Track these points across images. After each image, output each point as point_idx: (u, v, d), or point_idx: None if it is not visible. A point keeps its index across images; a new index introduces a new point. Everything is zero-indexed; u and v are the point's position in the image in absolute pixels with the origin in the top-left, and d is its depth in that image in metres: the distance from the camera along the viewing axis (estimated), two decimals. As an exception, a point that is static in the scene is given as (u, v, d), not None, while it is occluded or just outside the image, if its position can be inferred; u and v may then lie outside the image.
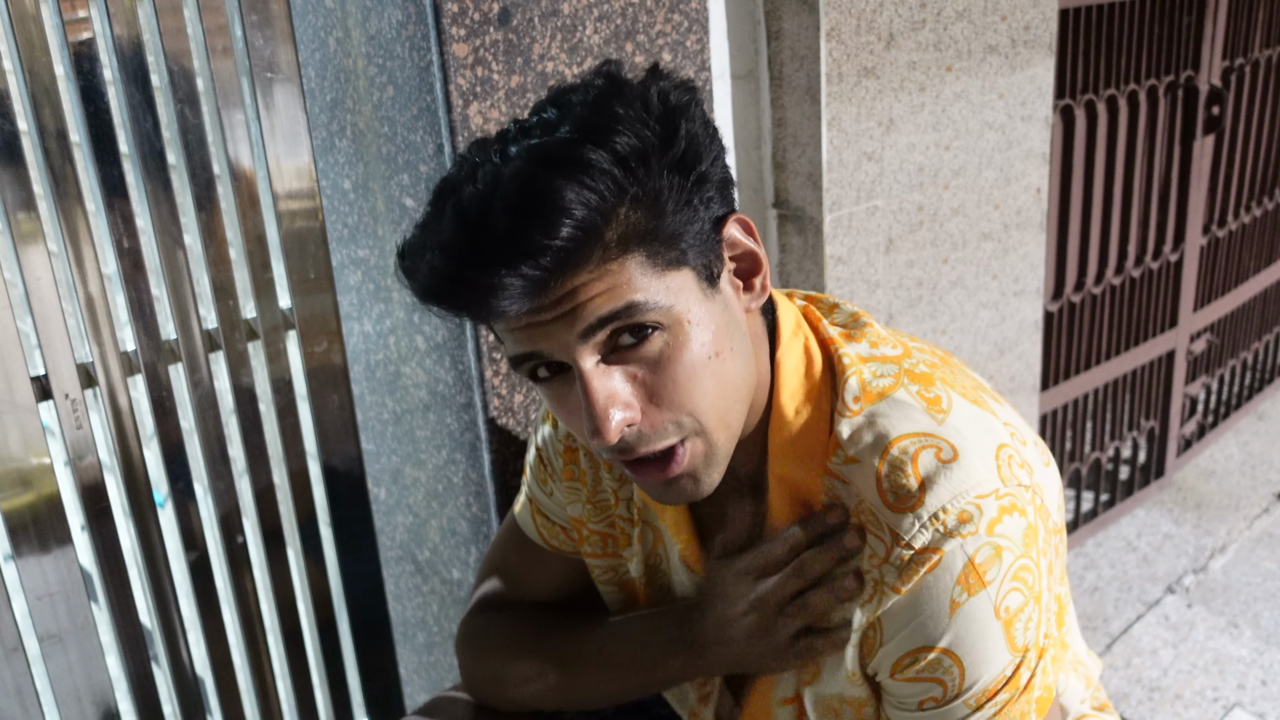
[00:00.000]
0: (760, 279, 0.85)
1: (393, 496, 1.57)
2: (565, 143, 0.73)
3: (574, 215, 0.71)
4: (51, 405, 1.21)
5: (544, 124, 0.77)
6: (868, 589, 0.83)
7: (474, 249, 0.72)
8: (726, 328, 0.81)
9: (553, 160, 0.73)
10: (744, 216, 0.84)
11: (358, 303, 1.46)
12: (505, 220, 0.71)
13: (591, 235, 0.72)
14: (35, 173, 1.15)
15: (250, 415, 1.36)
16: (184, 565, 1.37)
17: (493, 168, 0.75)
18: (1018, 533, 0.80)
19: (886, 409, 0.84)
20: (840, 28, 1.46)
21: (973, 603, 0.79)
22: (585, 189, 0.71)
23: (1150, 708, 1.97)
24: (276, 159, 1.28)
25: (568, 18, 1.23)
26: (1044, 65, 1.77)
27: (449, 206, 0.75)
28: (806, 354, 0.88)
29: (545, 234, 0.71)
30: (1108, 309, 2.34)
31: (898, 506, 0.80)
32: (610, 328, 0.76)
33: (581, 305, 0.75)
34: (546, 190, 0.71)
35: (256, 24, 1.23)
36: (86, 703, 1.31)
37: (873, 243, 1.62)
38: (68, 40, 1.14)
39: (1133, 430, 2.55)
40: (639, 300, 0.75)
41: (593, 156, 0.72)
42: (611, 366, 0.78)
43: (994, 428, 0.84)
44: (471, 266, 0.72)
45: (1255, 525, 2.55)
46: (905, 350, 0.89)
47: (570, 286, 0.74)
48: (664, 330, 0.77)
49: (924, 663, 0.82)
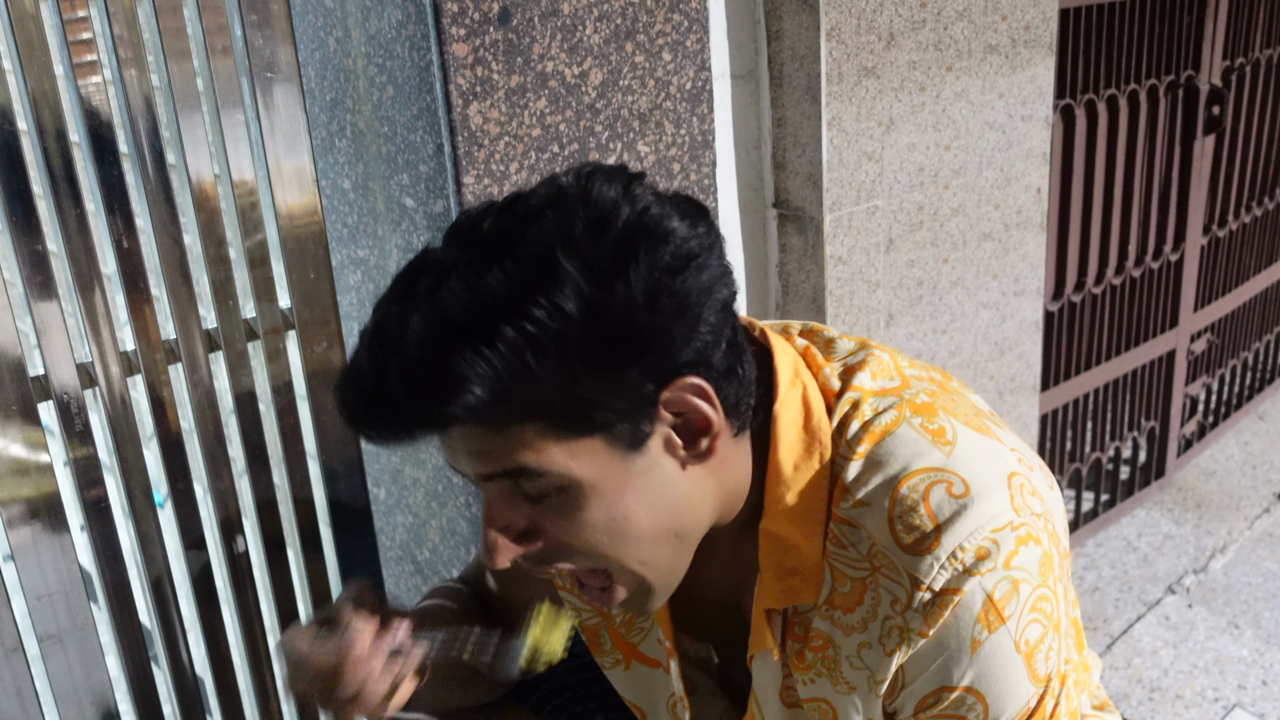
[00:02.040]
0: (709, 440, 0.77)
1: (393, 496, 1.57)
2: (481, 309, 0.68)
3: (466, 397, 0.68)
4: (51, 405, 1.21)
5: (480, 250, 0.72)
6: (894, 638, 0.80)
7: (370, 405, 0.72)
8: (645, 488, 0.76)
9: (459, 331, 0.68)
10: (699, 382, 0.75)
11: (358, 303, 1.46)
12: (404, 386, 0.69)
13: (484, 410, 0.69)
14: (35, 173, 1.15)
15: (250, 415, 1.36)
16: (184, 565, 1.37)
17: (403, 313, 0.72)
18: (1034, 563, 0.78)
19: (892, 446, 0.81)
20: (840, 27, 1.46)
21: (993, 640, 0.78)
22: (487, 365, 0.67)
23: (1151, 708, 1.97)
24: (276, 159, 1.28)
25: (568, 18, 1.23)
26: (1044, 65, 1.77)
27: (363, 344, 0.74)
28: (805, 405, 0.84)
29: (441, 406, 0.69)
30: (1108, 309, 2.34)
31: (914, 549, 0.78)
32: (505, 479, 0.75)
33: (473, 455, 0.74)
34: (443, 365, 0.68)
35: (256, 24, 1.23)
36: (86, 703, 1.31)
37: (873, 243, 1.61)
38: (67, 40, 1.14)
39: (1133, 430, 2.55)
40: (529, 465, 0.73)
41: (503, 334, 0.67)
42: (514, 498, 0.76)
43: (1002, 454, 0.82)
44: (364, 423, 0.73)
45: (1256, 525, 2.55)
46: (904, 381, 0.86)
47: (464, 436, 0.73)
48: (564, 492, 0.75)
49: (947, 702, 0.81)
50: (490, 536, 0.76)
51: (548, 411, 0.71)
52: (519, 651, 0.85)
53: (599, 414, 0.72)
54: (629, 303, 0.69)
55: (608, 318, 0.69)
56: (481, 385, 0.68)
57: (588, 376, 0.70)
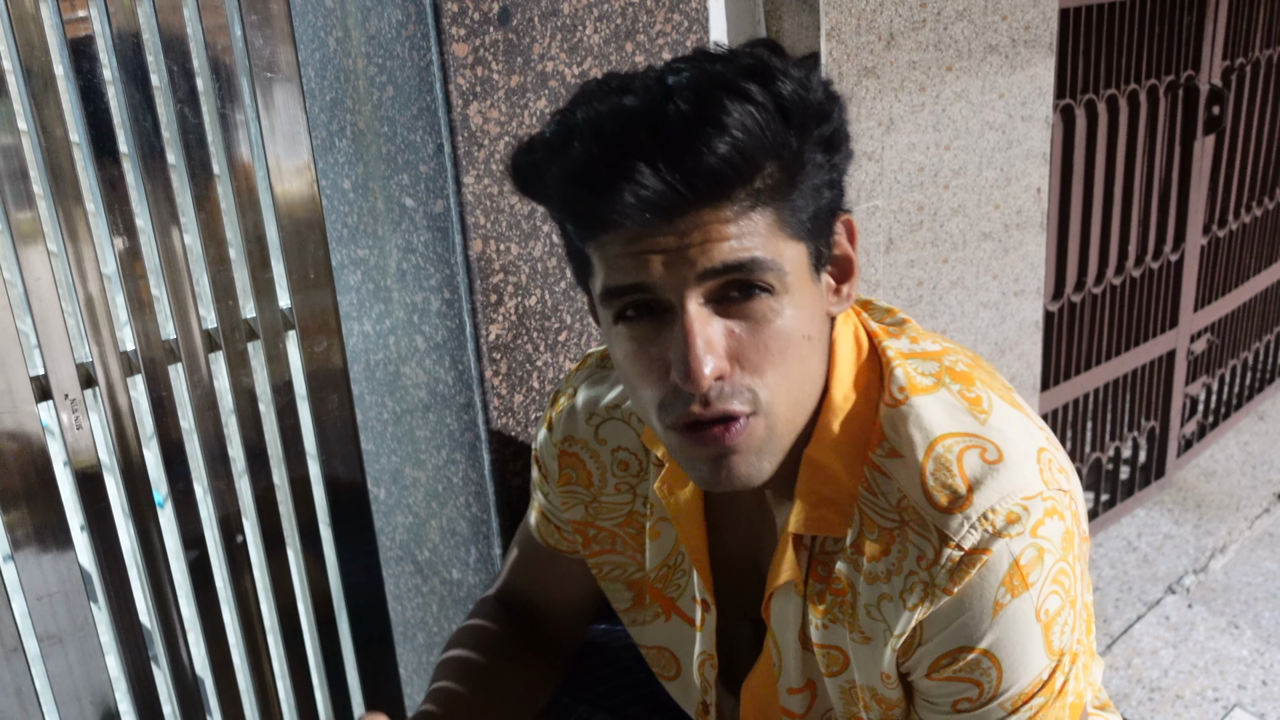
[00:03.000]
0: (849, 287, 0.85)
1: (393, 496, 1.57)
2: (736, 72, 0.73)
3: (738, 138, 0.71)
4: (51, 405, 1.21)
5: (700, 57, 0.77)
6: (917, 593, 0.81)
7: (639, 137, 0.72)
8: (818, 317, 0.81)
9: (724, 84, 0.72)
10: (850, 220, 0.84)
11: (358, 303, 1.46)
12: (677, 116, 0.71)
13: (745, 167, 0.73)
14: (35, 173, 1.15)
15: (250, 415, 1.36)
16: (184, 565, 1.37)
17: (656, 80, 0.75)
18: (1058, 536, 0.79)
19: (931, 405, 0.83)
20: (840, 27, 1.46)
21: (1016, 604, 0.79)
22: (753, 121, 0.72)
23: (1151, 708, 1.97)
24: (276, 159, 1.28)
25: (568, 17, 1.23)
26: (1044, 65, 1.77)
27: (604, 105, 0.74)
28: (856, 341, 0.87)
29: (709, 145, 0.71)
30: (1108, 309, 2.34)
31: (946, 508, 0.79)
32: (729, 277, 0.75)
33: (709, 244, 0.74)
34: (719, 106, 0.71)
35: (256, 24, 1.23)
36: (86, 703, 1.31)
37: (873, 243, 1.62)
38: (67, 40, 1.14)
39: (1133, 430, 2.55)
40: (763, 258, 0.75)
41: (760, 95, 0.72)
42: (713, 316, 0.77)
43: (1033, 431, 0.83)
44: (632, 154, 0.71)
45: (1256, 525, 2.55)
46: (944, 348, 0.88)
47: (705, 220, 0.74)
48: (772, 295, 0.77)
49: (963, 663, 0.81)
50: (698, 350, 0.75)
51: (781, 201, 0.76)
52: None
53: (809, 223, 0.78)
54: (842, 121, 0.79)
55: (832, 124, 0.77)
56: (746, 133, 0.71)
57: (810, 174, 0.77)
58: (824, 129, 0.77)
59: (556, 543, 1.08)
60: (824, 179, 0.78)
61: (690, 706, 1.05)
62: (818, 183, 0.78)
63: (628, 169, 0.71)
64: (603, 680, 1.18)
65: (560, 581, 1.12)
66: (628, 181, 0.71)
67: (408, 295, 1.35)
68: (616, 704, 1.16)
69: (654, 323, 0.78)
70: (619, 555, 1.04)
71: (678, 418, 0.78)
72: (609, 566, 1.05)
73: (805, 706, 0.95)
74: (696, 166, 0.71)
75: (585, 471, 1.03)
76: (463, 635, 1.13)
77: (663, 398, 0.78)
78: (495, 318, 1.27)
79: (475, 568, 1.46)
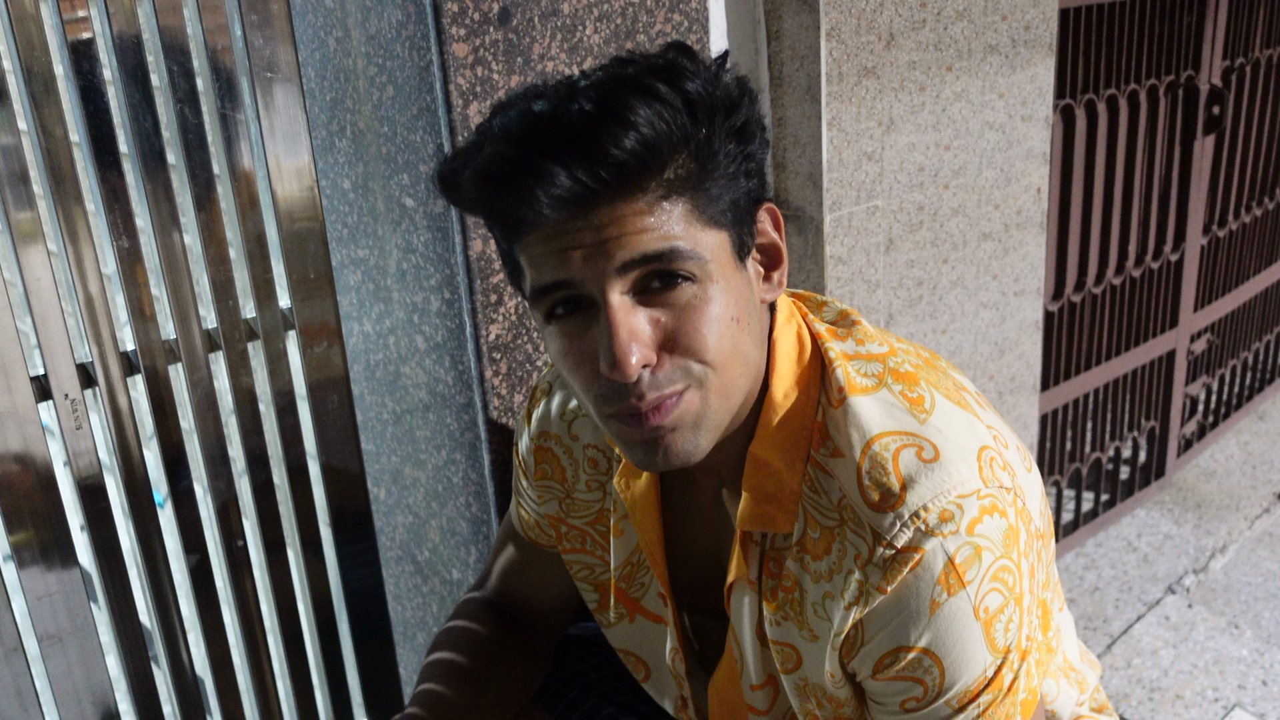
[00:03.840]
0: (779, 274, 0.86)
1: (393, 496, 1.57)
2: (642, 72, 0.76)
3: (643, 132, 0.73)
4: (51, 405, 1.21)
5: (613, 64, 0.79)
6: (853, 591, 0.82)
7: (544, 137, 0.73)
8: (746, 301, 0.82)
9: (630, 83, 0.74)
10: (774, 208, 0.85)
11: (357, 303, 1.46)
12: (581, 115, 0.73)
13: (653, 161, 0.74)
14: (35, 173, 1.15)
15: (250, 415, 1.36)
16: (184, 565, 1.37)
17: (566, 85, 0.77)
18: (998, 533, 0.80)
19: (869, 405, 0.84)
20: (840, 27, 1.46)
21: (952, 603, 0.79)
22: (657, 115, 0.74)
23: (1150, 708, 1.97)
24: (276, 159, 1.28)
25: (568, 18, 1.23)
26: (1044, 65, 1.77)
27: (514, 110, 0.77)
28: (799, 341, 0.89)
29: (614, 141, 0.72)
30: (1108, 309, 2.34)
31: (879, 506, 0.80)
32: (648, 268, 0.77)
33: (626, 237, 0.75)
34: (623, 104, 0.73)
35: (256, 24, 1.23)
36: (86, 703, 1.31)
37: (873, 243, 1.62)
38: (67, 40, 1.14)
39: (1133, 430, 2.55)
40: (681, 247, 0.76)
41: (666, 92, 0.74)
42: (637, 306, 0.78)
43: (977, 429, 0.84)
44: (537, 153, 0.73)
45: (1256, 525, 2.55)
46: (891, 349, 0.89)
47: (620, 213, 0.75)
48: (694, 283, 0.78)
49: (904, 662, 0.82)
50: (622, 341, 0.76)
51: (695, 191, 0.77)
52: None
53: (727, 210, 0.79)
54: (752, 112, 0.80)
55: (742, 115, 0.79)
56: (652, 129, 0.73)
57: (723, 163, 0.78)
58: (734, 120, 0.78)
59: (537, 536, 1.11)
60: (740, 168, 0.80)
61: (668, 703, 1.06)
62: (733, 171, 0.79)
63: (537, 168, 0.73)
64: (593, 669, 1.20)
65: (541, 576, 1.14)
66: (538, 180, 0.73)
67: (408, 295, 1.36)
68: (608, 691, 1.18)
69: (582, 318, 0.79)
70: (588, 555, 1.06)
71: (616, 409, 0.80)
72: (579, 566, 1.07)
73: (769, 703, 0.96)
74: (604, 160, 0.73)
75: (559, 467, 1.04)
76: (447, 636, 1.14)
77: (599, 390, 0.80)
78: (495, 318, 1.27)
79: (475, 568, 1.46)
